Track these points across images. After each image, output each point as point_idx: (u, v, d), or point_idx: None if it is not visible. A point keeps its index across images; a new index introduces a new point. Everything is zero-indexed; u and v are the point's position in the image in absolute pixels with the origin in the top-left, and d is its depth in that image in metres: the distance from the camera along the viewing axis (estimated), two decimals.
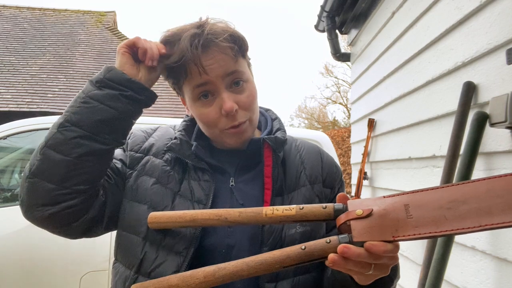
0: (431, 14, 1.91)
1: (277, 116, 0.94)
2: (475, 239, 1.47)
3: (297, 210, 0.59)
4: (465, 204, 0.49)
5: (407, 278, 2.14)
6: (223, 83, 0.77)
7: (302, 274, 0.77)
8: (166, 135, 0.89)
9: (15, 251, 2.66)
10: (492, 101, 1.35)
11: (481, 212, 0.48)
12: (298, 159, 0.87)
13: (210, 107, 0.78)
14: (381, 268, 0.56)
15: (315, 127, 21.92)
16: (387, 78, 2.54)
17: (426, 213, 0.51)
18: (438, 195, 0.52)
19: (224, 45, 0.76)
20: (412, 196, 0.53)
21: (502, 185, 0.49)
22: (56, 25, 9.19)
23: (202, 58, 0.75)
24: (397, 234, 0.51)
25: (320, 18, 3.47)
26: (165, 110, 7.04)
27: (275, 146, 0.82)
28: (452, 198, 0.50)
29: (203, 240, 0.75)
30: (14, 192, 3.00)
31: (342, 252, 0.52)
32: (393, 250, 0.51)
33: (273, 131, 0.87)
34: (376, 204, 0.55)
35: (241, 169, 0.84)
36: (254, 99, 0.82)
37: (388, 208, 0.53)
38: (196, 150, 0.82)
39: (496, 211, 0.47)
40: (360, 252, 0.52)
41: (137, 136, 0.89)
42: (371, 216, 0.53)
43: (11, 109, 6.53)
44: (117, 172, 0.83)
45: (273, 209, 0.60)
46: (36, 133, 3.04)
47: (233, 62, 0.78)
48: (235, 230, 0.77)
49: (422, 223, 0.50)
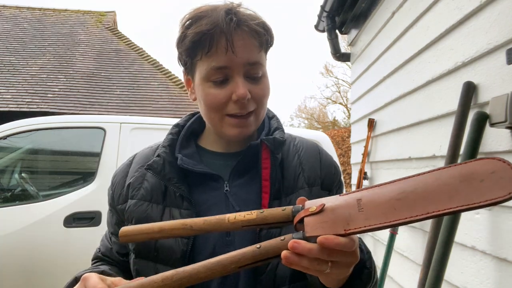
0: (431, 14, 1.91)
1: (274, 114, 0.91)
2: (475, 239, 1.47)
3: (257, 214, 0.59)
4: (413, 194, 0.50)
5: (407, 278, 2.14)
6: (243, 70, 0.74)
7: (298, 281, 0.76)
8: (143, 160, 0.85)
9: (15, 251, 2.66)
10: (492, 101, 1.35)
11: (428, 200, 0.48)
12: (297, 160, 0.83)
13: (221, 90, 0.74)
14: (340, 266, 0.54)
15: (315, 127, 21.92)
16: (387, 78, 2.54)
17: (377, 205, 0.51)
18: (390, 188, 0.52)
19: (257, 29, 0.73)
20: (365, 192, 0.54)
21: (450, 173, 0.49)
22: (56, 25, 9.19)
23: (235, 35, 0.71)
24: (348, 228, 0.51)
25: (320, 18, 3.47)
26: (165, 110, 7.04)
27: (274, 147, 0.79)
28: (402, 189, 0.51)
29: (203, 250, 0.75)
30: (14, 192, 3.01)
31: (292, 247, 0.51)
32: (347, 244, 0.50)
33: (271, 131, 0.84)
34: (330, 201, 0.55)
35: (236, 172, 0.81)
36: (267, 95, 0.79)
37: (341, 204, 0.54)
38: (182, 162, 0.78)
39: (444, 198, 0.48)
40: (311, 247, 0.51)
41: (117, 182, 0.86)
42: (323, 211, 0.54)
43: (11, 109, 6.53)
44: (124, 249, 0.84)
45: (236, 215, 0.60)
46: (36, 133, 3.05)
47: (257, 52, 0.75)
48: (233, 239, 0.75)
49: (372, 215, 0.51)
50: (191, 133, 0.88)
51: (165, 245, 0.76)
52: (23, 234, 2.68)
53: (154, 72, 8.08)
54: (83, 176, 3.09)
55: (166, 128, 3.54)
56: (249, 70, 0.75)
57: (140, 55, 8.52)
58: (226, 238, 0.75)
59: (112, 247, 0.86)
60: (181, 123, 0.89)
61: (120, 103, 7.12)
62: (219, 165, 0.82)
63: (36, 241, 2.68)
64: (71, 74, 7.64)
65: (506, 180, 0.45)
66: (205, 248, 0.75)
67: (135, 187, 0.82)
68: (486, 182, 0.46)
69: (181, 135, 0.86)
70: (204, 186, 0.79)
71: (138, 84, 7.69)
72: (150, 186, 0.81)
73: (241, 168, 0.81)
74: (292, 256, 0.51)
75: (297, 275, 0.76)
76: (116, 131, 3.01)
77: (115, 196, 0.85)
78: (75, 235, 2.74)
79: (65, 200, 2.82)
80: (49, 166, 3.31)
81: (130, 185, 0.83)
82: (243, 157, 0.80)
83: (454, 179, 0.48)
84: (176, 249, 0.75)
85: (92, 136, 3.10)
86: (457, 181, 0.48)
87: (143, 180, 0.82)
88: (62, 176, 3.24)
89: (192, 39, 0.73)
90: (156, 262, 0.76)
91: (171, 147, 0.82)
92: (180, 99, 7.38)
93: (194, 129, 0.89)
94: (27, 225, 2.69)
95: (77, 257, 2.61)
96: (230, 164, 0.82)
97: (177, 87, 7.69)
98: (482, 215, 1.44)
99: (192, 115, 0.91)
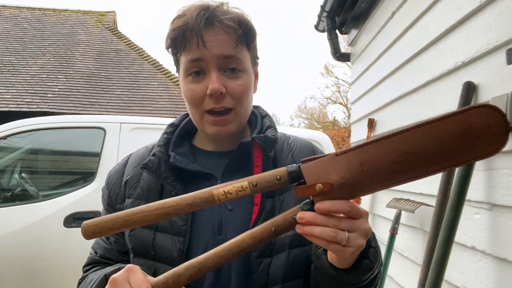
0: (431, 14, 1.91)
1: (267, 113, 0.90)
2: (475, 239, 1.47)
3: (251, 188, 0.58)
4: (414, 156, 0.52)
5: (407, 278, 2.14)
6: (217, 64, 0.75)
7: (291, 280, 0.77)
8: (138, 160, 0.86)
9: (15, 251, 2.66)
10: (492, 101, 1.35)
11: (428, 161, 0.52)
12: (290, 159, 0.83)
13: (198, 84, 0.76)
14: (354, 237, 0.56)
15: (315, 127, 21.91)
16: (387, 78, 2.54)
17: (380, 170, 0.53)
18: (390, 146, 0.53)
19: (228, 24, 0.74)
20: (365, 152, 0.54)
21: (449, 129, 0.51)
22: (56, 25, 9.19)
23: (204, 31, 0.74)
24: (354, 195, 0.55)
25: (320, 18, 3.47)
26: (165, 110, 7.04)
27: (265, 145, 0.79)
28: (403, 149, 0.52)
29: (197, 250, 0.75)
30: (14, 192, 3.01)
31: (299, 218, 0.55)
32: (342, 206, 0.55)
33: (263, 129, 0.84)
34: (331, 169, 0.55)
35: (229, 171, 0.81)
36: (246, 91, 0.79)
37: (346, 175, 0.54)
38: (175, 160, 0.79)
39: (442, 158, 0.52)
40: (315, 214, 0.55)
41: (113, 182, 0.86)
42: (331, 190, 0.55)
43: (11, 109, 6.52)
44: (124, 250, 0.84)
45: (226, 192, 0.58)
46: (36, 133, 3.05)
47: (232, 47, 0.76)
48: (225, 237, 0.75)
49: (375, 180, 0.54)
50: (185, 132, 0.89)
51: (162, 243, 0.76)
52: (23, 234, 2.68)
53: (154, 72, 8.08)
54: (83, 176, 3.09)
55: None
56: (224, 64, 0.76)
57: (140, 55, 8.51)
58: (218, 237, 0.76)
59: (113, 248, 0.85)
60: (175, 122, 0.91)
61: (120, 103, 7.12)
62: (212, 164, 0.83)
63: (36, 241, 2.68)
64: (71, 74, 7.64)
65: (498, 135, 0.50)
66: (197, 247, 0.76)
67: (131, 186, 0.83)
68: (480, 139, 0.50)
69: (175, 134, 0.87)
70: (198, 185, 0.79)
71: (138, 84, 7.69)
72: (146, 185, 0.81)
73: (233, 166, 0.81)
74: (303, 228, 0.55)
75: (290, 274, 0.76)
76: (116, 131, 3.01)
77: (113, 196, 0.85)
78: (75, 235, 2.73)
79: (65, 200, 2.82)
80: (49, 166, 3.31)
81: (127, 183, 0.83)
82: (235, 156, 0.80)
83: (452, 137, 0.51)
84: (172, 248, 0.75)
85: (92, 136, 3.10)
86: (455, 140, 0.51)
87: (139, 179, 0.83)
88: (62, 176, 3.24)
89: (170, 35, 0.78)
90: (155, 261, 0.77)
91: (166, 146, 0.83)
92: (180, 99, 7.37)
93: (188, 129, 0.90)
94: (27, 225, 2.69)
95: (77, 257, 2.61)
96: (222, 163, 0.82)
97: (177, 87, 7.69)
98: (482, 215, 1.44)
99: (187, 115, 0.91)
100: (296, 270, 0.77)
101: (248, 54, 0.80)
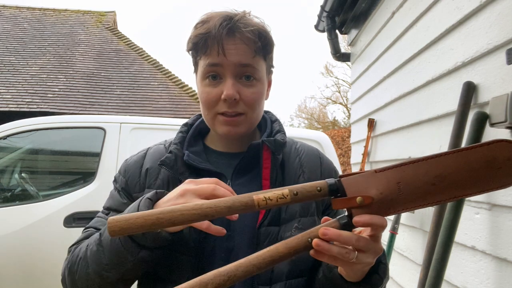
0: (431, 14, 1.91)
1: (277, 118, 0.94)
2: (475, 239, 1.48)
3: (292, 197, 0.57)
4: (447, 179, 0.56)
5: (407, 278, 2.14)
6: (233, 71, 0.79)
7: (295, 278, 0.78)
8: (157, 154, 0.88)
9: (15, 251, 2.66)
10: (492, 101, 1.35)
11: (457, 185, 0.56)
12: (297, 163, 0.87)
13: (214, 88, 0.80)
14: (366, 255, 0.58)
15: (315, 127, 21.91)
16: (387, 78, 2.54)
17: (415, 189, 0.56)
18: (426, 168, 0.56)
19: (248, 36, 0.78)
20: (403, 171, 0.57)
21: (477, 157, 0.56)
22: (56, 25, 9.19)
23: (225, 40, 0.77)
24: (389, 212, 0.57)
25: (320, 18, 3.47)
26: (165, 110, 7.04)
27: (274, 148, 0.82)
28: (438, 172, 0.56)
29: (204, 246, 0.76)
30: (14, 192, 3.01)
31: (322, 233, 0.55)
32: (381, 221, 0.56)
33: (273, 133, 0.88)
34: (371, 185, 0.57)
35: (239, 171, 0.84)
36: (259, 99, 0.82)
37: (385, 191, 0.56)
38: (188, 158, 0.82)
39: (470, 184, 0.56)
40: (341, 232, 0.56)
41: (132, 171, 0.87)
42: (371, 203, 0.56)
43: (11, 109, 6.52)
44: None
45: (266, 198, 0.57)
46: (36, 133, 3.05)
47: (250, 57, 0.79)
48: (233, 233, 0.77)
49: (410, 199, 0.56)
50: (198, 132, 0.92)
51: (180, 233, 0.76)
52: (23, 234, 2.67)
53: (154, 72, 8.08)
54: (83, 176, 3.09)
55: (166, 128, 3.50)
56: (240, 71, 0.80)
57: (140, 55, 8.51)
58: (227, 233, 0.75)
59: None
60: (189, 122, 0.94)
61: (120, 103, 7.12)
62: (223, 164, 0.86)
63: (36, 241, 2.68)
64: (71, 74, 7.64)
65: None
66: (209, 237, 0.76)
67: (152, 176, 0.85)
68: (502, 170, 0.56)
69: (189, 134, 0.90)
70: None
71: (138, 84, 7.69)
72: (166, 177, 0.84)
73: (243, 167, 0.84)
74: (323, 244, 0.55)
75: (294, 271, 0.78)
76: (116, 131, 3.01)
77: (131, 184, 0.85)
78: (75, 235, 2.71)
79: (65, 200, 2.81)
80: (49, 166, 3.31)
81: (147, 173, 0.85)
82: (245, 157, 0.84)
83: (480, 165, 0.56)
84: (188, 238, 0.76)
85: (92, 136, 3.10)
86: (482, 167, 0.56)
87: (160, 172, 0.85)
88: (62, 176, 3.24)
89: (192, 40, 0.81)
90: (171, 250, 0.76)
91: (182, 144, 0.86)
92: (180, 99, 7.38)
93: (202, 129, 0.93)
94: (27, 225, 2.69)
95: None
96: (232, 163, 0.85)
97: (177, 87, 7.69)
98: (482, 215, 1.44)
99: (200, 115, 0.94)
100: (300, 268, 0.79)
101: (264, 64, 0.84)
